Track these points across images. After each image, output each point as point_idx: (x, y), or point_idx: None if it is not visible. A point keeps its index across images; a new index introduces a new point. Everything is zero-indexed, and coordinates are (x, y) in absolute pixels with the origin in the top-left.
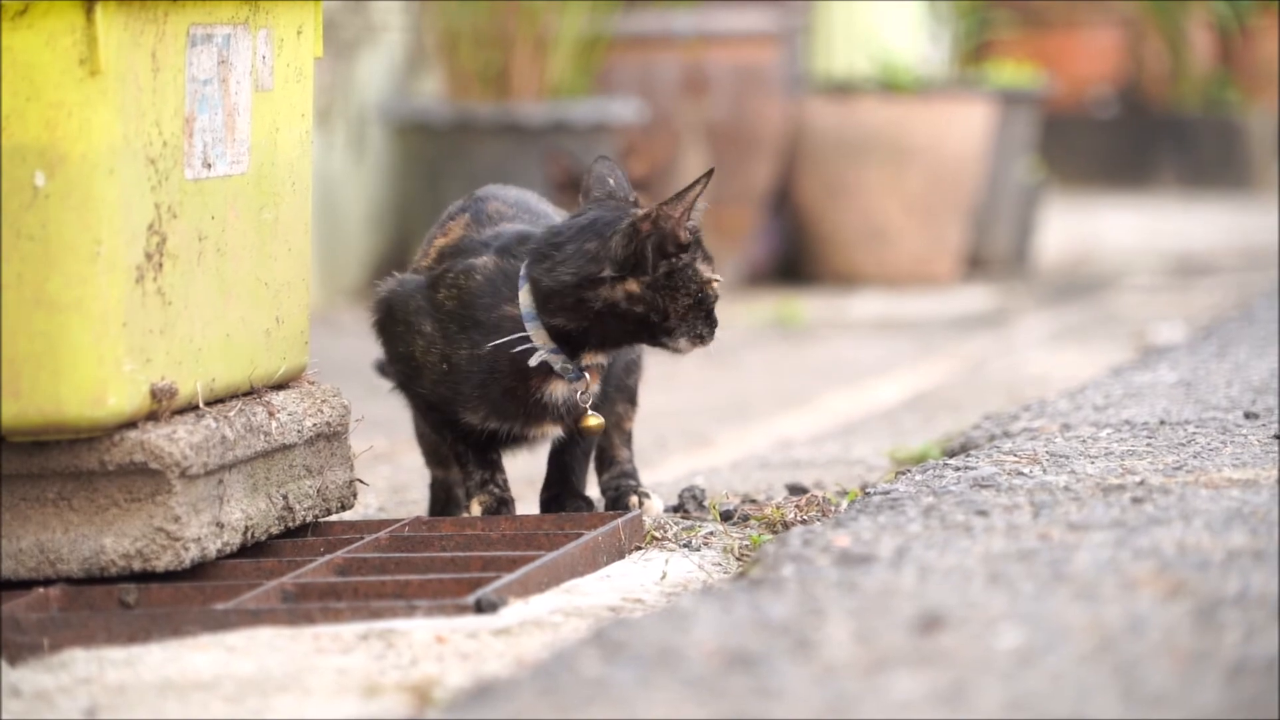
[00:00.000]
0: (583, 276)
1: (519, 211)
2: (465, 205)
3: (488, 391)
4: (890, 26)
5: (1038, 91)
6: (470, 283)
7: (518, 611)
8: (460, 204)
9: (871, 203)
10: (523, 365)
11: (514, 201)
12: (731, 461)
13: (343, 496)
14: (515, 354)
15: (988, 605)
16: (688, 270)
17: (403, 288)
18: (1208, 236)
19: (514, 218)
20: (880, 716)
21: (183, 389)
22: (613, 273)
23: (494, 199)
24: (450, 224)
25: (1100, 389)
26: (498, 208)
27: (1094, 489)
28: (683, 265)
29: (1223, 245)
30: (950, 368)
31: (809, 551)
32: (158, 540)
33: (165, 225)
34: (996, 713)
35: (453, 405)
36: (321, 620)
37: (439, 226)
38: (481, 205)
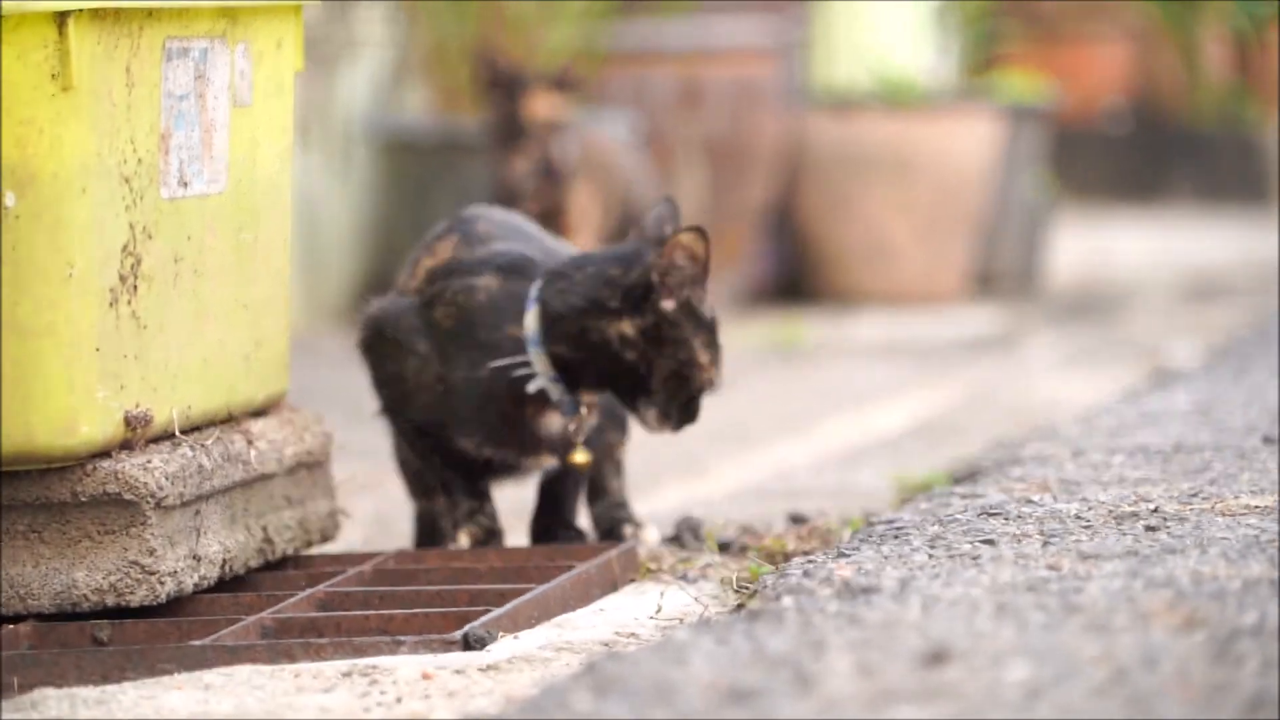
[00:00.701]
0: (591, 302)
1: (508, 233)
2: (452, 226)
3: (484, 415)
4: (893, 38)
5: (1047, 105)
6: (472, 301)
7: (507, 647)
8: (446, 225)
9: (874, 220)
10: (520, 391)
11: (501, 222)
12: (729, 490)
13: (324, 528)
14: (514, 378)
15: (995, 637)
16: (679, 332)
17: (393, 306)
18: (1224, 254)
19: (503, 236)
20: None
21: (158, 416)
22: (617, 304)
23: (482, 219)
24: (437, 245)
25: (1113, 413)
26: (487, 228)
27: (1106, 517)
28: (673, 323)
29: (1240, 263)
30: (957, 392)
31: (810, 583)
32: (132, 574)
33: (140, 246)
34: None
35: (446, 430)
36: (303, 657)
37: (425, 249)
38: (470, 226)
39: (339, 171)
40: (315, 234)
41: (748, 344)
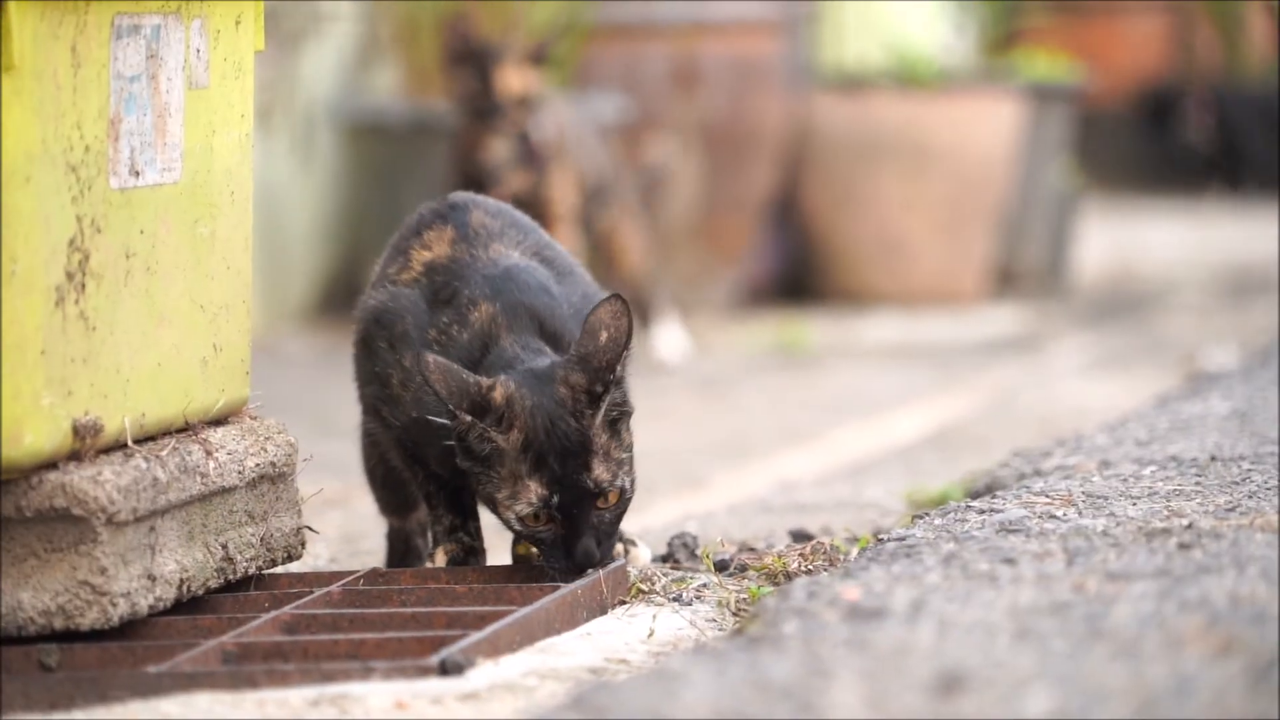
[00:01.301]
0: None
1: (505, 225)
2: (442, 212)
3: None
4: (908, 13)
5: (1074, 86)
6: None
7: (487, 673)
8: (434, 210)
9: (887, 212)
10: None
11: (495, 211)
12: (727, 505)
13: (289, 546)
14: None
15: (1015, 665)
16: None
17: (396, 299)
18: (1265, 248)
19: (502, 231)
20: None
21: (109, 425)
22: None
23: (475, 207)
24: (429, 235)
25: (1144, 421)
26: (482, 220)
27: (1136, 534)
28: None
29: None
30: (975, 399)
31: (814, 605)
32: (82, 595)
33: (88, 241)
34: None
35: (435, 435)
36: (266, 684)
37: (415, 237)
38: (464, 216)
39: (303, 159)
40: (277, 227)
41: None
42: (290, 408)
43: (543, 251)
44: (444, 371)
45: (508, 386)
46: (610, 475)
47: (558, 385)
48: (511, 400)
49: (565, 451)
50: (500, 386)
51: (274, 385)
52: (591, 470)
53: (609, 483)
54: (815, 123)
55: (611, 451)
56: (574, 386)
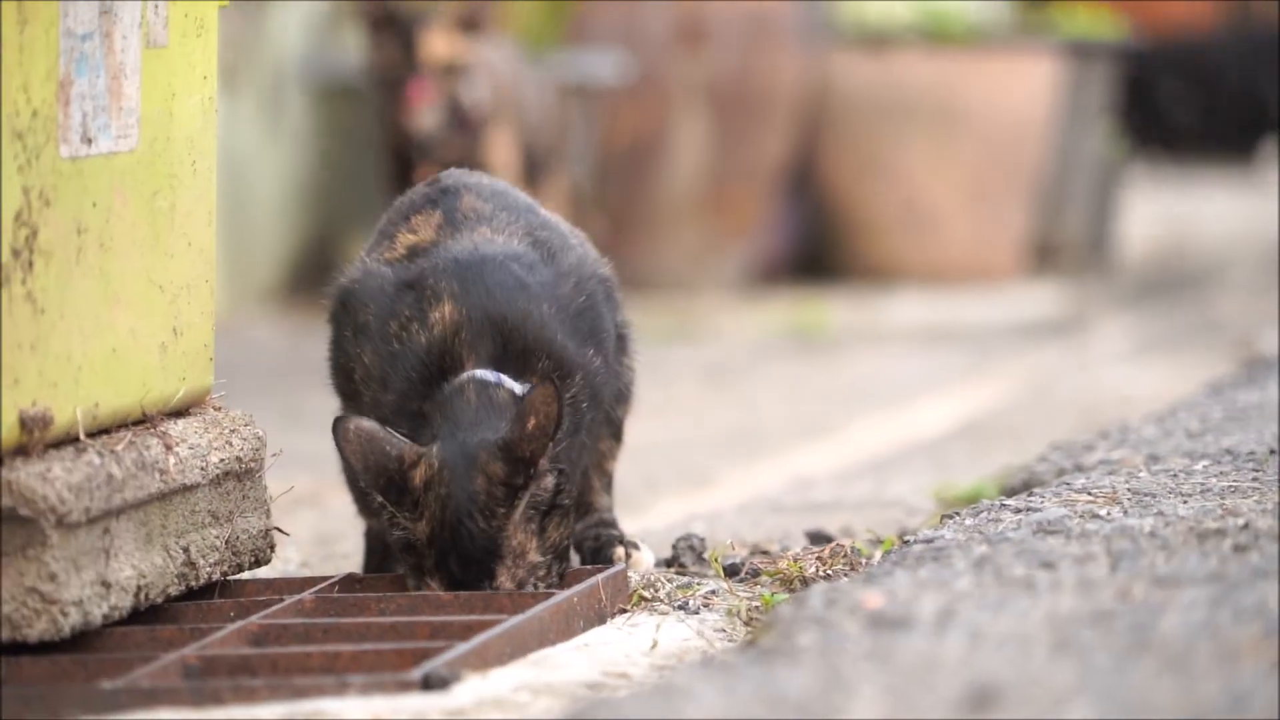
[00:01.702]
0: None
1: (497, 207)
2: (432, 196)
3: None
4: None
5: (1118, 43)
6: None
7: (474, 689)
8: (424, 193)
9: (913, 181)
10: None
11: (489, 193)
12: (738, 504)
13: (257, 549)
14: None
15: (1053, 680)
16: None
17: (369, 280)
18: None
19: (492, 215)
20: None
21: (59, 416)
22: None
23: (467, 191)
24: (417, 219)
25: (1195, 411)
26: (473, 204)
27: (1187, 535)
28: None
29: None
30: (1010, 386)
31: (833, 614)
32: (29, 603)
33: (36, 215)
34: None
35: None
36: (233, 701)
37: (400, 218)
38: (454, 201)
39: (270, 124)
40: (243, 199)
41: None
42: (258, 397)
43: (536, 233)
44: (364, 443)
45: (430, 466)
46: (515, 585)
47: (477, 474)
48: (429, 485)
49: (468, 556)
50: (424, 465)
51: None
52: (495, 578)
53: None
54: (834, 83)
55: (528, 553)
56: (492, 477)
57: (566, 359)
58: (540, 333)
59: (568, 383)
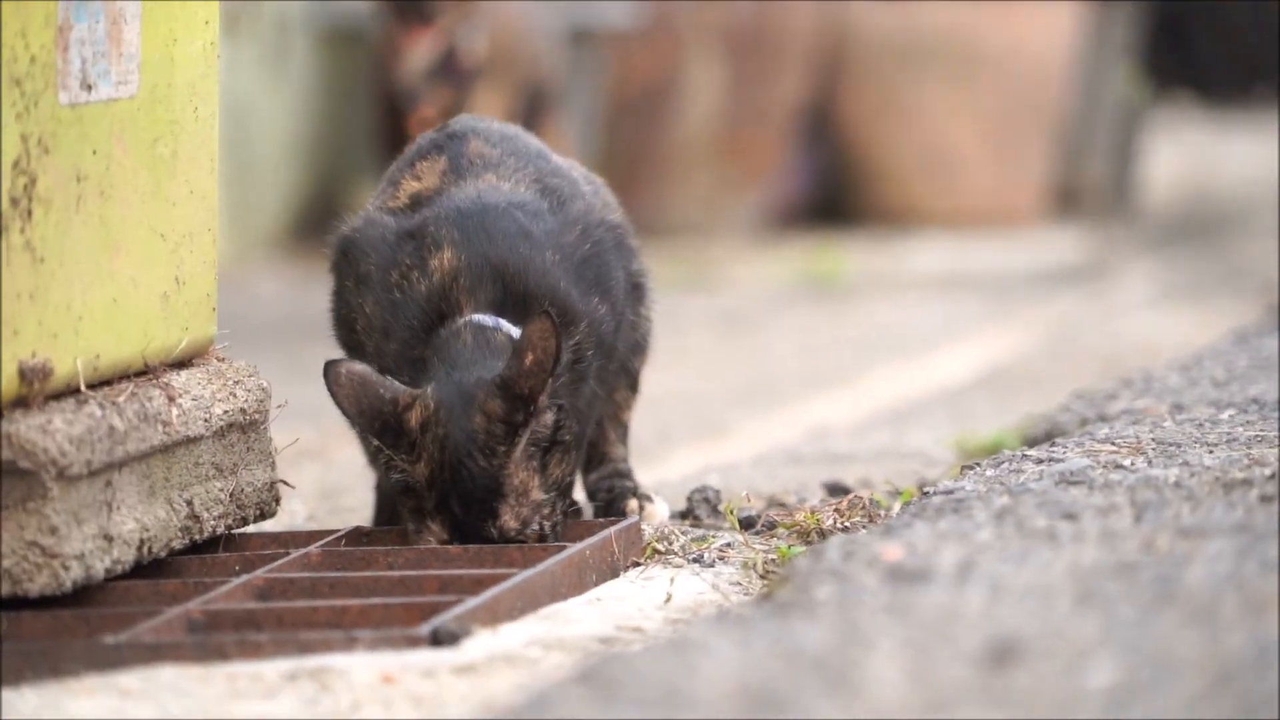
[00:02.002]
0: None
1: (505, 153)
2: (439, 143)
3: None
4: None
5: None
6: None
7: (484, 644)
8: (432, 139)
9: (932, 123)
10: None
11: (498, 138)
12: (754, 455)
13: (262, 502)
14: None
15: (1076, 633)
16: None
17: (370, 229)
18: None
19: (499, 161)
20: None
21: (59, 368)
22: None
23: (475, 136)
24: (422, 165)
25: (1221, 359)
26: (479, 149)
27: (1212, 485)
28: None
29: None
30: (1031, 334)
31: (851, 567)
32: (30, 557)
33: (35, 163)
34: None
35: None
36: (238, 656)
37: (407, 166)
38: (460, 147)
39: (274, 69)
40: (246, 146)
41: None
42: (262, 347)
43: (545, 180)
44: (357, 386)
45: (426, 408)
46: (519, 523)
47: (475, 412)
48: (426, 426)
49: (469, 496)
50: (419, 407)
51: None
52: (498, 517)
53: (517, 531)
54: (851, 24)
55: (530, 491)
56: (491, 415)
57: (570, 306)
58: (542, 280)
59: (571, 330)
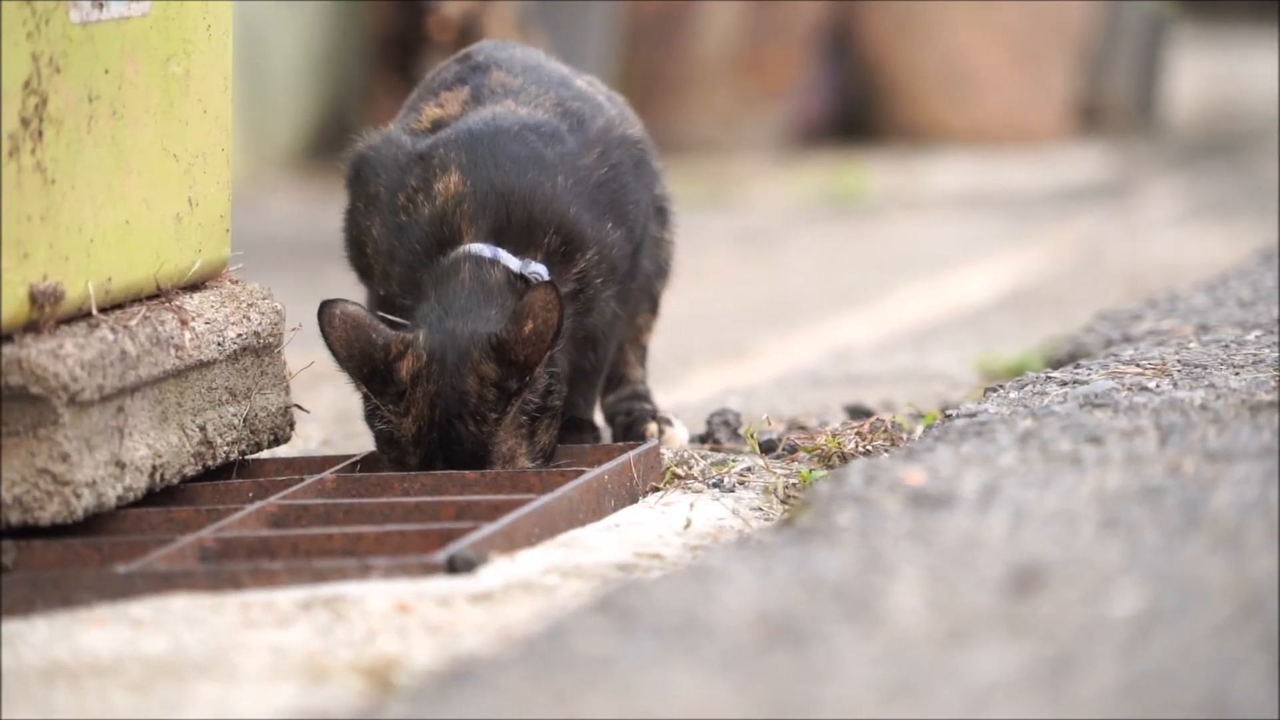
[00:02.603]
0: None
1: (527, 81)
2: (463, 75)
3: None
4: None
5: None
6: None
7: (502, 571)
8: (456, 71)
9: (954, 39)
10: None
11: (520, 68)
12: (774, 377)
13: (276, 427)
14: None
15: (1100, 559)
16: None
17: (385, 147)
18: None
19: (520, 89)
20: (960, 702)
21: (70, 291)
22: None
23: (496, 68)
24: (445, 95)
25: (1247, 279)
26: (501, 79)
27: (1239, 408)
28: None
29: None
30: (1055, 254)
31: (873, 492)
32: (41, 485)
33: (46, 82)
34: (1109, 696)
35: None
36: (251, 585)
37: (430, 94)
38: (482, 78)
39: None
40: (259, 63)
41: (797, 194)
42: (276, 269)
43: (567, 104)
44: (350, 329)
45: (418, 358)
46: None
47: (468, 373)
48: (416, 379)
49: (455, 459)
50: (410, 357)
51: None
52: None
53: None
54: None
55: (516, 459)
56: (484, 379)
57: (578, 233)
58: (549, 205)
59: (576, 257)
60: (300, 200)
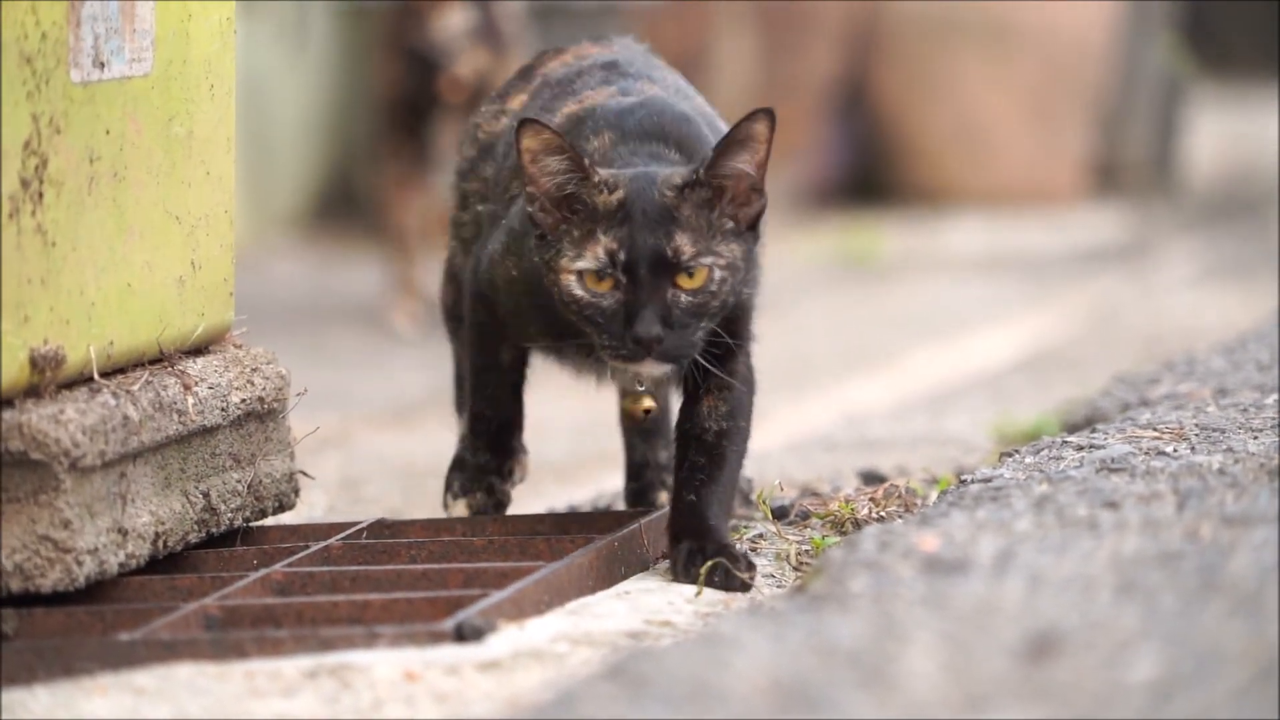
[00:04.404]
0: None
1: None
2: (609, 79)
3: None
4: None
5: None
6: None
7: (510, 639)
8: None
9: (968, 98)
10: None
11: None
12: (787, 441)
13: (281, 493)
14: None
15: (1117, 624)
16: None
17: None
18: None
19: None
20: None
21: (71, 355)
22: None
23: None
24: (588, 94)
25: (1265, 341)
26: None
27: (1257, 472)
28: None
29: None
30: (1071, 316)
31: (887, 558)
32: (43, 552)
33: (46, 143)
34: None
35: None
36: (256, 653)
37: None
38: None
39: (293, 45)
40: (263, 124)
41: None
42: (281, 333)
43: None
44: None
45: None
46: (694, 249)
47: (659, 176)
48: (610, 179)
49: (647, 215)
50: (609, 178)
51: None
52: (672, 238)
53: (690, 256)
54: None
55: (703, 233)
56: (673, 176)
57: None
58: (701, 133)
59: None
60: (305, 263)
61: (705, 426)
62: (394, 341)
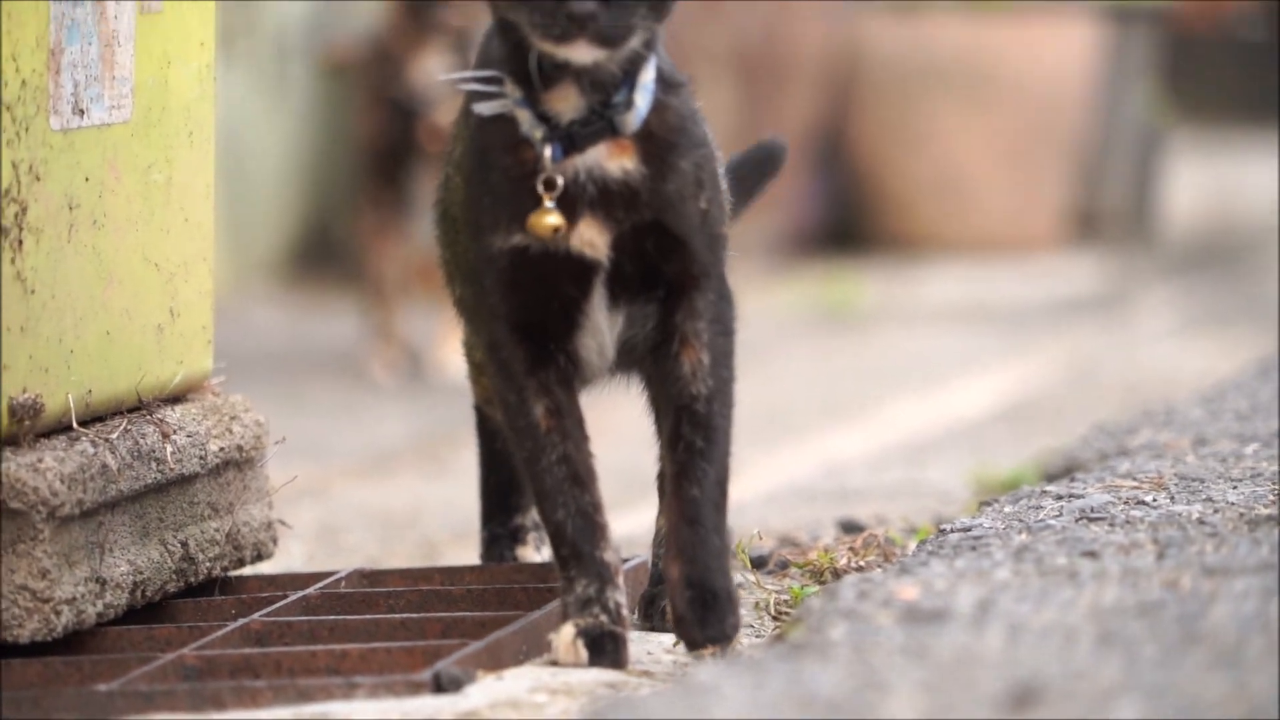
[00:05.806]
0: None
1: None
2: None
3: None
4: None
5: (1161, 6)
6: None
7: (488, 689)
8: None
9: (947, 148)
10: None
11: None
12: (765, 491)
13: (259, 542)
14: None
15: (1098, 674)
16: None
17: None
18: None
19: None
20: None
21: (50, 403)
22: None
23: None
24: None
25: (1244, 391)
26: None
27: (1237, 522)
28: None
29: None
30: (1050, 366)
31: (866, 607)
32: (20, 602)
33: (25, 191)
34: None
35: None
36: (234, 704)
37: None
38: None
39: (271, 93)
40: (242, 172)
41: (789, 305)
42: (259, 381)
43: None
44: None
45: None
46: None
47: None
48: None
49: None
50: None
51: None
52: None
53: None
54: (864, 47)
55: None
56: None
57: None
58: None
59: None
60: (284, 311)
61: (694, 393)
62: (372, 391)
